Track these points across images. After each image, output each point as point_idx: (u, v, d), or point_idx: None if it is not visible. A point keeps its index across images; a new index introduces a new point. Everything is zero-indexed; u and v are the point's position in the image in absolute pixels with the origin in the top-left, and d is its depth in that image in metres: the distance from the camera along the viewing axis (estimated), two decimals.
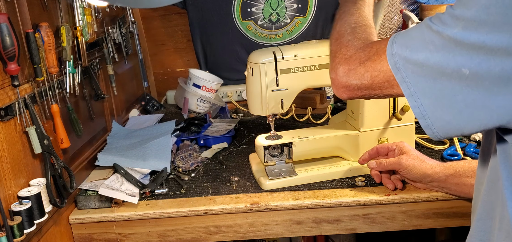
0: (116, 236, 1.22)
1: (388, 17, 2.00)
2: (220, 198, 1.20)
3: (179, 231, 1.20)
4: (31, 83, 1.10)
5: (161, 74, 2.14)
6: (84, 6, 1.29)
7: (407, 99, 0.71)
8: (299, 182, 1.22)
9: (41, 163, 1.13)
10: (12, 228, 0.96)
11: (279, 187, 1.21)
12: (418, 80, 0.69)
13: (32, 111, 1.07)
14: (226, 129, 1.59)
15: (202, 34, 1.96)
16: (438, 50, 0.66)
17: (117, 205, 1.22)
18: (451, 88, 0.66)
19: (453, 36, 0.64)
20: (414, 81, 0.70)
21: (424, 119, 0.70)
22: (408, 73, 0.70)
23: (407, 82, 0.71)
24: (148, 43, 2.08)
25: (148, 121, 1.72)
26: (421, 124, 0.71)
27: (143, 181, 1.29)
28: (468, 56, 0.63)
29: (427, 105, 0.69)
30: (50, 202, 1.10)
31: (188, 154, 1.48)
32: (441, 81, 0.67)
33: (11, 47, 0.97)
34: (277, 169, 1.23)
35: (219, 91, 1.91)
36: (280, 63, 1.18)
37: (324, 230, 1.19)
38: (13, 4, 1.04)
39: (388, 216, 1.16)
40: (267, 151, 1.23)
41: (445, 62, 0.65)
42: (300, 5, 1.86)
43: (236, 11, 1.89)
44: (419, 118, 0.71)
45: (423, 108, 0.70)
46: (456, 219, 1.16)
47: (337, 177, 1.23)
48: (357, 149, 1.26)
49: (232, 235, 1.20)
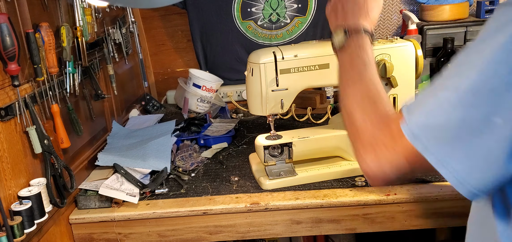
0: (116, 236, 1.22)
1: (388, 17, 2.00)
2: (220, 198, 1.20)
3: (179, 231, 1.21)
4: (31, 83, 1.10)
5: (161, 74, 2.14)
6: (84, 6, 1.29)
7: (437, 169, 0.63)
8: (299, 182, 1.22)
9: (41, 163, 1.13)
10: (12, 228, 0.96)
11: (279, 186, 1.22)
12: (443, 146, 0.62)
13: (32, 111, 1.07)
14: (226, 129, 1.59)
15: (202, 34, 1.96)
16: (455, 107, 0.60)
17: (117, 205, 1.22)
18: (482, 143, 0.59)
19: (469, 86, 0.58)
20: (438, 148, 0.62)
21: (463, 186, 0.62)
22: (431, 141, 0.63)
23: (432, 151, 0.63)
24: (148, 43, 2.08)
25: (148, 121, 1.72)
26: (461, 191, 0.62)
27: (143, 181, 1.29)
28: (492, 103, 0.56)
29: (461, 171, 0.61)
30: (50, 202, 1.10)
31: (188, 154, 1.48)
32: (471, 140, 0.60)
33: (11, 47, 0.97)
34: (277, 169, 1.24)
35: (219, 91, 1.91)
36: (280, 63, 1.18)
37: (324, 230, 1.19)
38: (13, 4, 1.04)
39: (388, 216, 1.16)
40: (267, 151, 1.23)
41: (469, 117, 0.59)
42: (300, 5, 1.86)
43: (236, 11, 1.89)
44: (457, 187, 0.62)
45: (458, 174, 0.62)
46: (456, 219, 1.16)
47: (337, 177, 1.24)
48: None
49: (232, 235, 1.20)
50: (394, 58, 1.20)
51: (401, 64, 1.20)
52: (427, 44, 1.75)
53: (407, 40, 1.22)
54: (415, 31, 1.72)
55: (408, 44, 1.21)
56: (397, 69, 1.20)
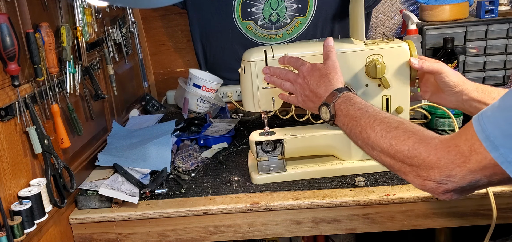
0: (116, 236, 1.22)
1: (388, 17, 2.00)
2: (220, 198, 1.20)
3: (179, 231, 1.21)
4: (31, 83, 1.10)
5: (161, 74, 2.14)
6: (84, 6, 1.29)
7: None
8: (288, 178, 1.25)
9: (41, 163, 1.13)
10: (13, 228, 0.96)
11: (267, 182, 1.24)
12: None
13: (32, 111, 1.07)
14: (226, 129, 1.59)
15: (202, 34, 1.95)
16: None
17: (117, 205, 1.22)
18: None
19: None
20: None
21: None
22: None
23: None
24: (148, 43, 2.08)
25: (148, 120, 1.72)
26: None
27: (143, 181, 1.29)
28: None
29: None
30: (50, 202, 1.10)
31: (188, 154, 1.48)
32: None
33: (11, 47, 0.97)
34: (269, 164, 1.26)
35: (219, 91, 1.91)
36: (270, 61, 1.19)
37: (324, 230, 1.19)
38: (13, 4, 1.04)
39: (388, 216, 1.16)
40: (260, 146, 1.25)
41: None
42: (300, 5, 1.86)
43: (236, 11, 1.89)
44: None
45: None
46: (456, 219, 1.16)
47: (326, 175, 1.25)
48: (349, 149, 1.26)
49: (232, 235, 1.20)
50: (387, 59, 1.19)
51: (394, 65, 1.20)
52: (427, 44, 1.75)
53: (404, 41, 1.22)
54: (415, 31, 1.72)
55: (403, 45, 1.20)
56: (391, 70, 1.20)
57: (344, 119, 0.93)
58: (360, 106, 0.91)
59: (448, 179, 0.72)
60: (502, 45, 1.74)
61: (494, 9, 1.74)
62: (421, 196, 1.13)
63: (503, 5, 1.82)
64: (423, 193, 1.12)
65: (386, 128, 0.82)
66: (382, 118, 0.85)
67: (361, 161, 1.26)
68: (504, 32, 1.73)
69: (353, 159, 1.26)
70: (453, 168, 0.71)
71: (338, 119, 0.95)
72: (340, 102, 0.95)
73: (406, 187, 1.16)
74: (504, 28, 1.72)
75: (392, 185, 1.18)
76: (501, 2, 1.81)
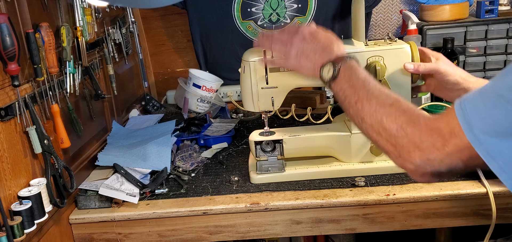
0: (116, 236, 1.22)
1: (388, 17, 2.00)
2: (220, 198, 1.20)
3: (179, 231, 1.21)
4: (31, 83, 1.10)
5: (161, 74, 2.14)
6: (84, 6, 1.29)
7: (497, 175, 0.66)
8: (286, 179, 1.25)
9: (41, 163, 1.13)
10: (13, 228, 0.96)
11: (265, 181, 1.25)
12: (505, 150, 0.64)
13: (32, 111, 1.07)
14: (226, 129, 1.59)
15: (202, 34, 1.95)
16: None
17: (117, 205, 1.22)
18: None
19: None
20: (499, 151, 0.64)
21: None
22: (491, 145, 0.65)
23: (493, 156, 0.65)
24: (148, 43, 2.08)
25: (148, 121, 1.72)
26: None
27: (143, 181, 1.29)
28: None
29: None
30: (50, 202, 1.10)
31: (188, 154, 1.48)
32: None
33: (11, 47, 0.97)
34: (268, 164, 1.26)
35: (219, 91, 1.91)
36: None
37: (324, 230, 1.19)
38: (13, 4, 1.04)
39: (388, 216, 1.16)
40: (259, 146, 1.25)
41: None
42: (300, 5, 1.86)
43: (236, 11, 1.89)
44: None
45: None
46: (456, 219, 1.16)
47: (326, 176, 1.25)
48: (349, 151, 1.25)
49: (232, 235, 1.20)
50: (388, 60, 1.18)
51: (396, 67, 1.19)
52: (427, 44, 1.75)
53: (406, 42, 1.21)
54: (415, 31, 1.72)
55: (404, 46, 1.19)
56: (392, 72, 1.19)
57: (344, 85, 0.92)
58: (363, 77, 0.90)
59: (427, 162, 0.73)
60: (502, 45, 1.74)
61: (494, 9, 1.74)
62: (421, 196, 1.13)
63: (503, 5, 1.82)
64: (423, 193, 1.13)
65: (382, 103, 0.83)
66: (379, 93, 0.85)
67: (360, 163, 1.25)
68: (504, 32, 1.73)
69: (353, 160, 1.26)
70: (433, 151, 0.72)
71: (337, 82, 0.93)
72: (346, 67, 0.93)
73: (406, 187, 1.16)
74: (504, 28, 1.72)
75: (392, 185, 1.18)
76: (501, 2, 1.82)
